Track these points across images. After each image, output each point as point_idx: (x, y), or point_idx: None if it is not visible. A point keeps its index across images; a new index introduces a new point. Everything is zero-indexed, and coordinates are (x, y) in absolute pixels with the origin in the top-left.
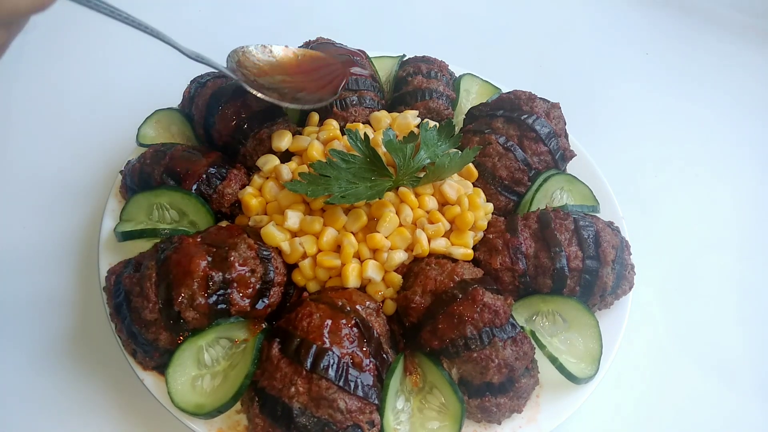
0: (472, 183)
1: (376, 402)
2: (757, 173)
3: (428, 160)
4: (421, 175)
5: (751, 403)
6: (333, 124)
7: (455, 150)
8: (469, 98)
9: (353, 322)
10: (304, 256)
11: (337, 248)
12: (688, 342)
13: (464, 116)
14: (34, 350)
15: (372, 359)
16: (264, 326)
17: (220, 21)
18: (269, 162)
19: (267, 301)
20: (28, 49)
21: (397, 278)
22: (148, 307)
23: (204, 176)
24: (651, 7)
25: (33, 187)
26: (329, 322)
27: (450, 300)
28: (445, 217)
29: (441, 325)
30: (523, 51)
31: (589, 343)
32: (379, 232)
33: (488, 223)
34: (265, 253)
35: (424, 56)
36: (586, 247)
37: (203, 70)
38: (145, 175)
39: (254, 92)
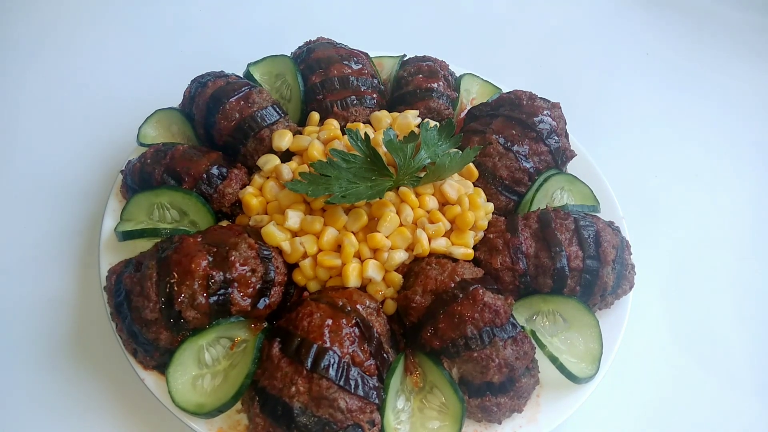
0: (473, 183)
1: (377, 401)
2: (757, 173)
3: (429, 160)
4: (422, 174)
5: (750, 402)
6: (333, 124)
7: (456, 150)
8: (470, 98)
9: (354, 321)
10: (305, 255)
11: (338, 248)
12: (688, 341)
13: (465, 116)
14: (34, 350)
15: (372, 359)
16: (264, 326)
17: (220, 20)
18: (270, 162)
19: (267, 301)
20: (29, 49)
21: (398, 278)
22: (149, 306)
23: (205, 176)
24: (651, 7)
25: (34, 187)
26: (330, 321)
27: (450, 300)
28: (446, 216)
29: (441, 324)
30: (523, 51)
31: (590, 342)
32: (379, 231)
33: (488, 223)
34: (265, 252)
35: (424, 56)
36: (586, 246)
37: (203, 69)
38: (145, 175)
39: None
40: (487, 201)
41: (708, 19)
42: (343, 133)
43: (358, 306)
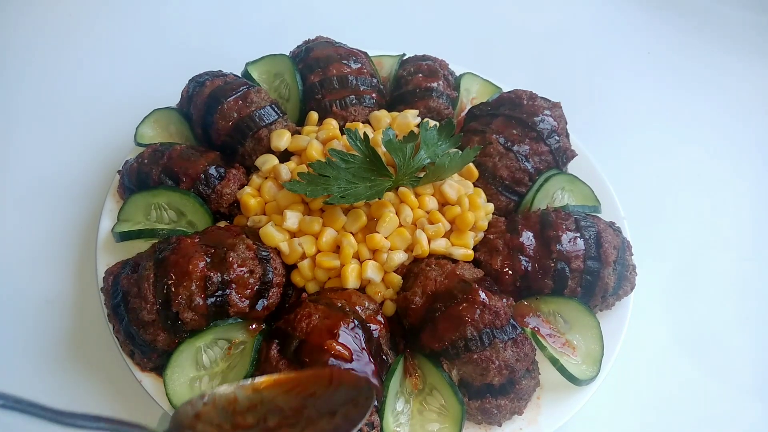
0: (473, 183)
1: (376, 404)
2: (759, 173)
3: (428, 160)
4: (421, 175)
5: (752, 404)
6: (332, 124)
7: (455, 150)
8: (470, 97)
9: (352, 323)
10: (303, 256)
11: (337, 249)
12: (689, 343)
13: (464, 115)
14: (31, 351)
15: (371, 360)
16: (263, 327)
17: (218, 19)
18: (268, 162)
19: (266, 302)
20: (27, 48)
21: (397, 279)
22: (146, 307)
23: (202, 176)
24: (653, 6)
25: (30, 187)
26: (328, 323)
27: (450, 301)
28: (446, 217)
29: (441, 326)
30: (523, 50)
31: (591, 344)
32: (378, 232)
33: (489, 224)
34: (263, 253)
35: (424, 55)
36: (587, 247)
37: (201, 68)
38: (143, 175)
39: None
40: (488, 201)
41: (710, 18)
42: (342, 133)
43: (357, 307)
